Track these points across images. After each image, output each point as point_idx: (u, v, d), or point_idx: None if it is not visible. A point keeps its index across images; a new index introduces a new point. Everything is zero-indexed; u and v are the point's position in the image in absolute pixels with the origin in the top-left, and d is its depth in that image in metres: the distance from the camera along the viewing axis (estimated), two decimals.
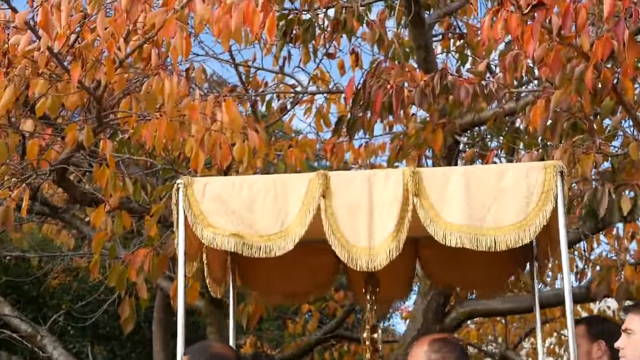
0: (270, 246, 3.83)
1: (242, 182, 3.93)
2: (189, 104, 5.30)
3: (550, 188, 3.74)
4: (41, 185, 6.82)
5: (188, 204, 3.89)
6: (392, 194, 3.81)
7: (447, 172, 3.88)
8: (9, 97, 4.77)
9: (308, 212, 3.82)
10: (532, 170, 3.79)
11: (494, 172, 3.84)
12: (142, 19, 4.86)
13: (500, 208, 3.74)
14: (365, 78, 6.17)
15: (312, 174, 3.89)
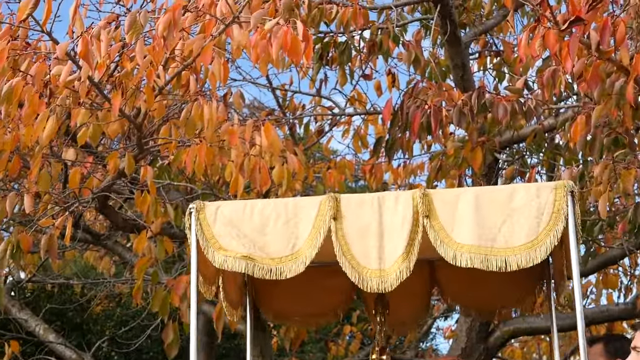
0: (281, 268, 3.86)
1: (254, 205, 3.98)
2: (228, 129, 5.34)
3: (561, 208, 3.73)
4: (83, 212, 6.90)
5: (200, 227, 3.95)
6: (402, 215, 3.82)
7: (457, 193, 3.88)
8: (52, 128, 4.83)
9: (319, 235, 3.85)
10: (542, 190, 3.78)
11: (505, 193, 3.83)
12: (179, 46, 4.91)
13: (511, 228, 3.74)
14: (403, 99, 6.17)
15: (323, 197, 3.92)
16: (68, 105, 5.10)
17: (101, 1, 5.94)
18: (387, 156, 6.58)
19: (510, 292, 5.05)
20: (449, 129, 6.85)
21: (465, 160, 6.59)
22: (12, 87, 4.66)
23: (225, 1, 4.78)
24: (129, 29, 4.58)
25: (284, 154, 5.85)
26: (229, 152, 5.55)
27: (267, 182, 5.50)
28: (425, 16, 7.33)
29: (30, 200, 5.20)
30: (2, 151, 5.24)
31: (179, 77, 5.20)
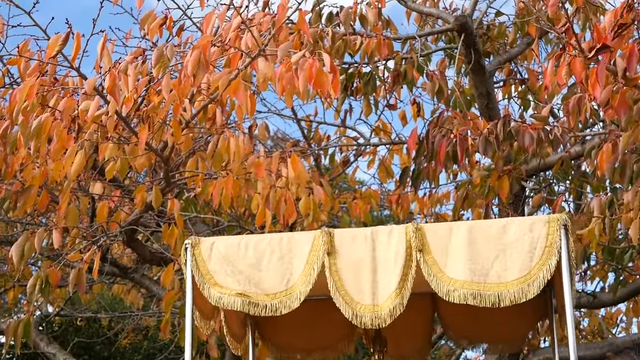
0: (276, 304, 3.88)
1: (248, 241, 4.02)
2: (255, 162, 5.36)
3: (554, 242, 3.72)
4: (110, 246, 6.91)
5: (196, 263, 3.98)
6: (395, 250, 3.84)
7: (450, 227, 3.88)
8: (80, 162, 4.87)
9: (313, 270, 3.88)
10: (535, 225, 3.77)
11: (498, 227, 3.81)
12: (205, 80, 4.94)
13: (503, 263, 3.73)
14: (428, 128, 6.17)
15: (317, 232, 3.95)
16: (96, 140, 5.15)
17: (127, 36, 6.01)
18: (413, 186, 6.57)
19: (514, 324, 5.02)
20: (475, 158, 6.83)
21: (491, 189, 6.56)
22: (41, 122, 4.70)
23: (251, 34, 4.81)
24: (155, 63, 4.62)
25: (310, 185, 5.85)
26: (255, 184, 5.56)
27: (293, 214, 5.50)
28: (449, 45, 7.34)
29: (59, 236, 5.23)
30: (30, 186, 5.27)
31: (205, 110, 5.23)
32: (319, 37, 6.19)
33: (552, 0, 6.41)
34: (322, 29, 6.36)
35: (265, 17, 5.17)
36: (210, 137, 5.74)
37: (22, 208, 5.34)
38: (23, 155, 5.03)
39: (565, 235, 3.73)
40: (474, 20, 6.91)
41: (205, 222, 7.55)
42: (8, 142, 4.87)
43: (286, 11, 4.70)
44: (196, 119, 5.34)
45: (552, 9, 6.47)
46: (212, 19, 4.93)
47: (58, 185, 5.98)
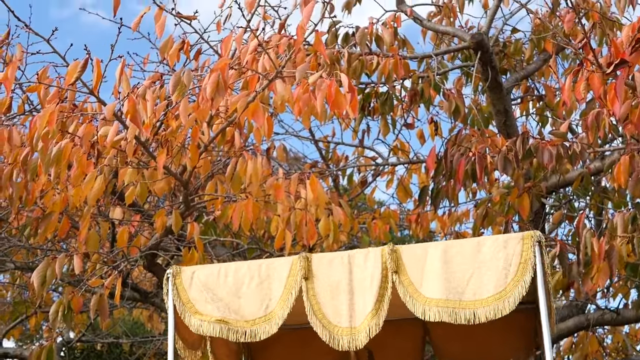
0: (255, 330, 3.92)
1: (228, 269, 4.06)
2: (274, 184, 5.35)
3: (529, 258, 3.73)
4: (131, 271, 6.92)
5: (177, 292, 4.05)
6: (371, 272, 3.86)
7: (425, 248, 3.89)
8: (99, 187, 4.88)
9: (291, 295, 3.92)
10: (509, 242, 3.78)
11: (472, 245, 3.83)
12: (223, 103, 4.95)
13: (479, 280, 3.74)
14: (447, 147, 6.16)
15: (295, 257, 3.98)
16: (115, 165, 5.16)
17: (145, 61, 6.04)
18: (433, 205, 6.55)
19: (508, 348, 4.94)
20: (494, 176, 6.81)
21: (511, 206, 6.53)
22: (60, 149, 4.72)
23: (268, 57, 4.82)
24: (174, 88, 4.63)
25: (329, 206, 5.84)
26: (274, 207, 5.55)
27: (314, 236, 5.49)
28: (466, 63, 7.33)
29: (80, 261, 5.23)
30: (51, 212, 5.29)
31: (223, 133, 5.24)
32: (336, 58, 6.20)
33: (568, 17, 6.42)
34: (338, 50, 6.37)
35: (282, 40, 5.18)
36: (229, 160, 5.75)
37: (43, 234, 5.35)
38: (43, 182, 5.05)
39: (540, 252, 3.75)
40: (490, 37, 6.90)
41: (225, 245, 7.55)
42: (28, 169, 4.89)
43: (304, 33, 4.71)
44: (214, 142, 5.36)
45: (568, 25, 6.47)
46: (230, 42, 4.95)
47: (78, 211, 6.00)
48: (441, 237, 8.49)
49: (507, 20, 7.44)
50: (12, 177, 4.98)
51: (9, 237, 7.05)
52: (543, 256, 3.75)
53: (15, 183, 4.97)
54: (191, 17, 5.33)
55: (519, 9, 7.32)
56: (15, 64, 4.70)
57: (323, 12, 5.63)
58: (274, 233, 5.70)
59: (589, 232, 5.43)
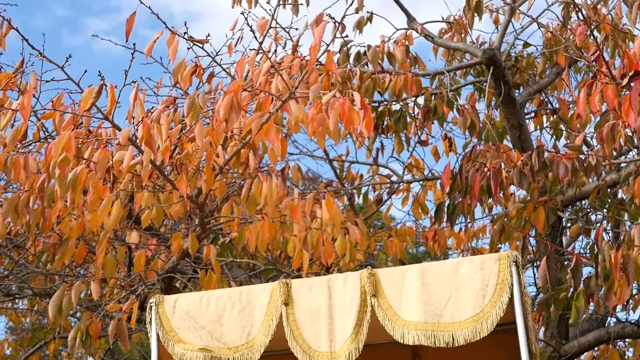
0: (237, 358, 3.94)
1: (210, 296, 4.07)
2: (289, 204, 5.35)
3: (505, 279, 3.72)
4: (148, 294, 6.92)
5: (160, 321, 4.05)
6: (350, 296, 3.87)
7: (403, 271, 3.89)
8: (117, 212, 4.89)
9: (271, 322, 3.94)
10: (486, 262, 3.78)
11: (450, 267, 3.82)
12: (237, 125, 4.96)
13: (457, 302, 3.74)
14: (461, 163, 6.15)
15: (275, 283, 3.99)
16: (131, 189, 5.18)
17: (158, 85, 6.07)
18: (449, 221, 6.53)
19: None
20: (510, 191, 6.79)
21: (528, 221, 6.50)
22: (76, 174, 4.74)
23: (281, 78, 4.84)
24: (188, 111, 4.65)
25: (345, 225, 5.83)
26: (291, 227, 5.55)
27: (331, 255, 5.49)
28: (479, 79, 7.33)
29: (97, 287, 5.24)
30: (68, 238, 5.30)
31: (238, 155, 5.25)
32: (348, 77, 6.21)
33: (580, 29, 6.41)
34: (350, 69, 6.39)
35: (295, 60, 5.20)
36: (244, 182, 5.75)
37: (60, 260, 5.36)
38: (60, 208, 5.06)
39: (517, 272, 3.74)
40: (502, 52, 6.90)
41: (242, 266, 7.55)
42: (45, 196, 4.90)
43: (316, 53, 4.72)
44: (229, 164, 5.37)
45: (580, 38, 6.47)
46: (243, 64, 4.96)
47: (95, 236, 6.02)
48: (458, 254, 8.47)
49: (519, 34, 7.44)
50: (29, 204, 5.00)
51: (26, 263, 7.07)
52: (520, 276, 3.75)
53: (32, 210, 4.99)
54: (203, 40, 5.35)
55: (530, 23, 7.32)
56: (30, 92, 4.73)
57: (334, 32, 5.65)
58: (291, 253, 5.70)
59: (607, 244, 5.40)
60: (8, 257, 7.15)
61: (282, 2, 6.45)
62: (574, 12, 7.19)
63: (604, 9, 7.33)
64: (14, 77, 5.29)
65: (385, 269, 3.98)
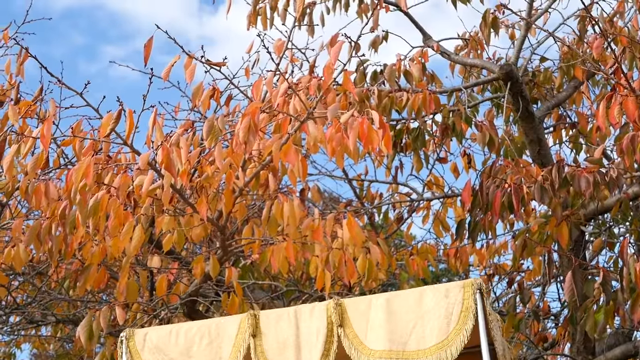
0: None
1: (179, 329, 4.09)
2: (310, 225, 5.34)
3: (469, 306, 3.76)
4: (171, 318, 6.92)
5: (130, 355, 4.08)
6: (317, 327, 3.90)
7: (369, 300, 3.93)
8: (139, 237, 4.90)
9: (239, 353, 3.95)
10: (451, 290, 3.81)
11: (415, 295, 3.86)
12: (256, 146, 4.97)
13: (422, 330, 3.78)
14: (481, 179, 6.12)
15: (243, 315, 4.02)
16: (151, 214, 5.19)
17: (176, 109, 6.09)
18: (471, 238, 6.49)
19: None
20: (531, 206, 6.75)
21: (550, 236, 6.46)
22: (97, 200, 4.75)
23: (299, 98, 4.84)
24: (207, 134, 4.66)
25: (367, 245, 5.82)
26: (312, 248, 5.54)
27: (353, 274, 5.46)
28: (496, 95, 7.32)
29: (122, 312, 5.25)
30: (90, 264, 5.32)
31: (257, 177, 5.25)
32: (365, 96, 6.21)
33: (597, 42, 6.40)
34: (367, 88, 6.39)
35: (312, 81, 5.21)
36: (263, 204, 5.75)
37: (83, 286, 5.38)
38: (82, 234, 5.08)
39: (481, 299, 3.77)
40: (519, 67, 6.89)
41: (263, 288, 7.53)
42: (67, 222, 4.92)
43: (332, 73, 4.72)
44: (249, 186, 5.37)
45: (597, 51, 6.46)
46: (260, 86, 4.98)
47: (116, 261, 6.03)
48: (480, 270, 8.42)
49: (535, 49, 7.42)
50: (51, 231, 5.01)
51: (49, 290, 7.09)
52: (484, 303, 3.78)
53: (54, 237, 5.01)
54: (221, 63, 5.37)
55: (547, 37, 7.30)
56: (50, 120, 4.76)
57: (350, 51, 5.66)
58: (313, 274, 5.69)
59: (631, 257, 5.36)
60: (31, 284, 7.17)
61: (298, 23, 6.48)
62: (590, 25, 7.18)
63: (620, 21, 7.32)
64: (33, 105, 5.33)
65: (351, 298, 4.05)
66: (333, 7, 7.16)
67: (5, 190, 5.38)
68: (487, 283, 8.48)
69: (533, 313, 7.68)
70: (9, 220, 5.58)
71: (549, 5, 7.32)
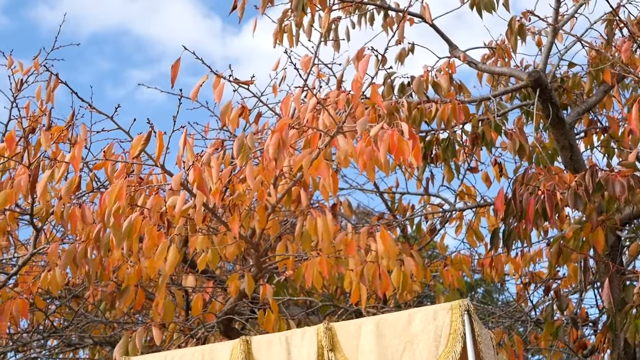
0: None
1: (174, 355, 4.12)
2: (344, 239, 5.33)
3: (458, 328, 3.76)
4: (208, 337, 6.93)
5: None
6: (307, 352, 3.92)
7: (359, 324, 3.95)
8: (173, 257, 4.92)
9: None
10: (439, 313, 3.82)
11: (404, 318, 3.86)
12: (286, 163, 4.98)
13: (411, 353, 3.78)
14: (514, 187, 6.08)
15: (235, 341, 4.03)
16: (185, 233, 5.21)
17: (206, 129, 6.12)
18: (506, 247, 6.45)
19: None
20: (565, 212, 6.70)
21: (586, 242, 6.41)
22: (131, 222, 4.78)
23: (328, 113, 4.85)
24: (238, 152, 4.67)
25: (400, 257, 5.80)
26: (346, 262, 5.53)
27: (388, 287, 5.44)
28: (525, 102, 7.28)
29: (159, 332, 5.26)
30: (127, 286, 5.34)
31: (289, 193, 5.25)
32: (394, 108, 6.20)
33: (625, 46, 6.36)
34: (396, 100, 6.39)
35: (340, 95, 5.21)
36: (295, 220, 5.76)
37: (120, 308, 5.40)
38: (117, 257, 5.11)
39: (469, 320, 3.77)
40: (547, 74, 6.85)
41: (298, 304, 7.53)
42: (102, 245, 4.95)
43: (361, 87, 4.73)
44: (281, 203, 5.37)
45: (625, 54, 6.41)
46: (289, 102, 4.99)
47: (151, 282, 6.05)
48: (516, 279, 8.36)
49: (563, 55, 7.38)
50: (87, 254, 5.05)
51: (85, 313, 7.13)
52: (472, 324, 3.78)
53: (90, 260, 5.04)
54: (249, 82, 5.39)
55: (574, 42, 7.26)
56: (81, 144, 4.80)
57: (377, 64, 5.66)
58: (347, 288, 5.67)
59: None
60: (68, 307, 7.22)
61: (324, 39, 6.49)
62: (617, 28, 7.13)
63: None
64: (65, 130, 5.38)
65: (341, 322, 4.06)
66: (358, 21, 7.18)
67: (40, 215, 5.42)
68: (523, 291, 8.43)
69: (571, 320, 7.61)
70: (44, 245, 5.62)
71: (575, 10, 7.29)
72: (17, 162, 5.48)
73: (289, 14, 6.84)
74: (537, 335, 8.24)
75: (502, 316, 8.93)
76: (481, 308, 9.43)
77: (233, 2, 6.58)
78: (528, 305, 8.49)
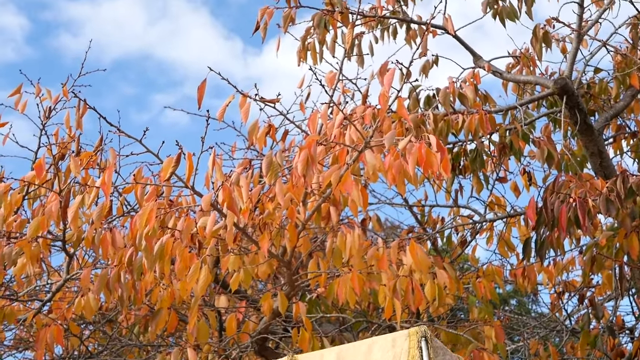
0: None
1: None
2: (375, 254, 5.31)
3: (415, 355, 3.77)
4: (242, 357, 6.92)
5: None
6: None
7: (321, 355, 4.01)
8: (205, 278, 4.92)
9: None
10: (397, 340, 3.84)
11: (364, 348, 3.89)
12: (315, 179, 4.97)
13: None
14: (545, 196, 6.04)
15: None
16: (216, 254, 5.21)
17: (233, 149, 6.14)
18: (539, 256, 6.39)
19: None
20: (598, 219, 6.64)
21: (620, 248, 6.34)
22: (162, 245, 4.79)
23: (355, 128, 4.84)
24: (266, 171, 4.67)
25: (433, 270, 5.76)
26: (378, 277, 5.51)
27: (421, 301, 5.41)
28: (552, 110, 7.24)
29: (194, 354, 5.26)
30: (160, 309, 5.35)
31: (319, 210, 5.24)
32: (421, 121, 6.19)
33: None
34: (422, 113, 6.37)
35: (367, 110, 5.20)
36: (325, 236, 5.74)
37: (154, 331, 5.40)
38: (150, 280, 5.12)
39: (426, 346, 3.77)
40: (573, 80, 6.81)
41: (331, 321, 7.50)
42: (134, 269, 4.96)
43: (388, 100, 4.72)
44: (311, 220, 5.36)
45: None
46: (316, 119, 4.99)
47: (184, 304, 6.05)
48: (549, 289, 8.28)
49: (588, 61, 7.34)
50: (120, 278, 5.06)
51: (119, 337, 7.14)
52: (429, 350, 3.77)
53: (123, 284, 5.05)
54: (275, 100, 5.40)
55: (599, 48, 7.22)
56: (111, 169, 4.82)
57: (403, 78, 5.65)
58: (382, 304, 5.65)
59: None
60: (102, 332, 7.23)
61: (348, 54, 6.50)
62: None
63: None
64: (94, 155, 5.41)
65: (304, 354, 4.12)
66: (381, 35, 7.18)
67: (72, 241, 5.45)
68: (557, 301, 8.35)
69: (607, 328, 7.53)
70: (77, 271, 5.64)
71: (599, 15, 7.25)
72: (47, 189, 5.51)
73: (312, 32, 6.86)
74: (574, 345, 8.15)
75: (536, 327, 8.85)
76: (515, 319, 9.35)
77: (255, 22, 6.60)
78: (563, 314, 8.41)
